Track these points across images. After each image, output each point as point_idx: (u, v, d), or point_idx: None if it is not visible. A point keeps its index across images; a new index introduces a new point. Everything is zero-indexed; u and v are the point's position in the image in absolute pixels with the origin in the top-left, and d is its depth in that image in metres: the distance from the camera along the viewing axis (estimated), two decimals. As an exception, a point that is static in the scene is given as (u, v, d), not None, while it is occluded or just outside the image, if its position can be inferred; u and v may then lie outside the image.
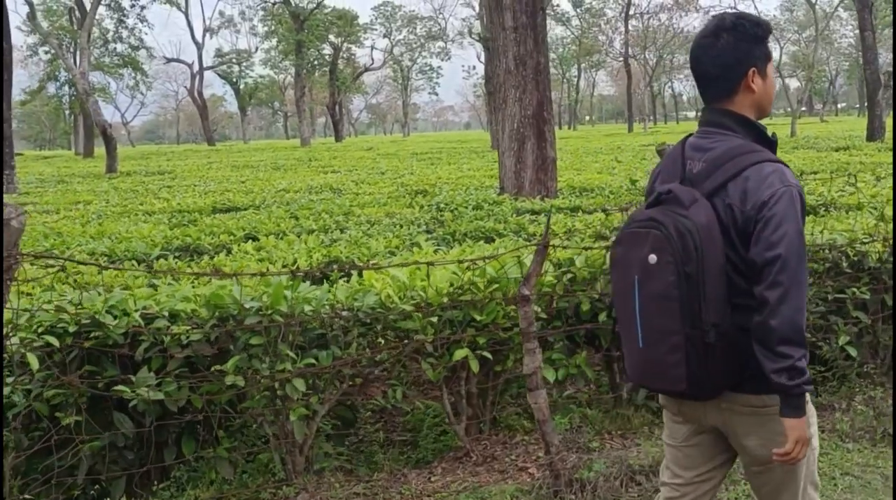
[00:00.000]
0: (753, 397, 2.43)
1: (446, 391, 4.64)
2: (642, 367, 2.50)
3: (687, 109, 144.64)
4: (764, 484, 2.59)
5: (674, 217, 2.34)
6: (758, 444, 2.47)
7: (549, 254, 4.94)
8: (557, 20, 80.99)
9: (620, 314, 2.55)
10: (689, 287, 2.31)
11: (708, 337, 2.32)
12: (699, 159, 2.47)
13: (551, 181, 11.91)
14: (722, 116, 2.49)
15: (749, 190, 2.34)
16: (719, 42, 2.46)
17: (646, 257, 2.37)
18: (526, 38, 11.50)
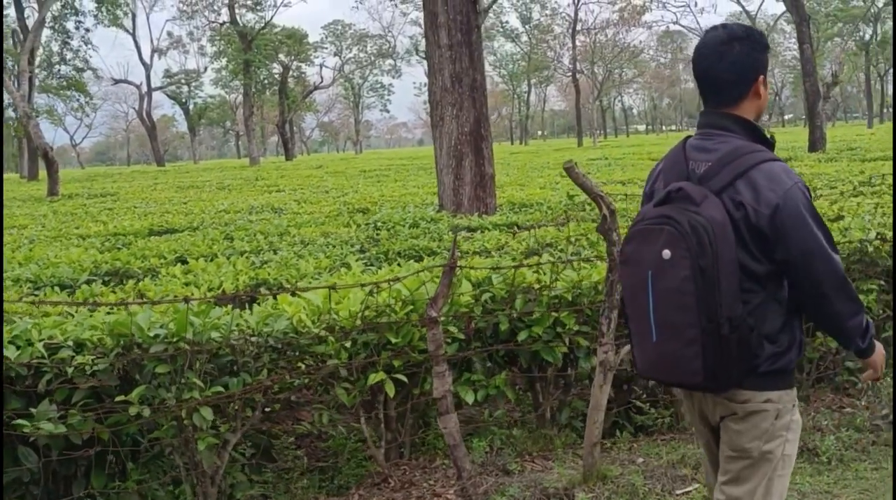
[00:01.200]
0: (745, 393, 2.55)
1: (364, 416, 4.57)
2: (656, 361, 2.57)
3: (637, 122, 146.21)
4: (730, 471, 2.68)
5: (687, 214, 2.43)
6: (748, 439, 2.59)
7: (467, 274, 4.91)
8: (507, 37, 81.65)
9: (631, 310, 2.62)
10: (704, 281, 2.38)
11: (723, 330, 2.39)
12: (704, 159, 2.58)
13: (490, 198, 11.90)
14: (722, 118, 2.61)
15: (760, 188, 2.45)
16: (734, 50, 2.57)
17: (659, 253, 2.44)
18: (461, 56, 11.50)
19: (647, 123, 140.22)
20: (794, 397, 2.66)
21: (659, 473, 4.35)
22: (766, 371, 2.52)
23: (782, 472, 2.66)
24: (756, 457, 2.62)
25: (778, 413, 2.59)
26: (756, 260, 2.49)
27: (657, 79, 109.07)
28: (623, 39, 70.93)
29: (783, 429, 2.62)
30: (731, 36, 2.60)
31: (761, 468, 2.63)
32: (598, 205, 4.13)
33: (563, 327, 4.78)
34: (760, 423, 2.58)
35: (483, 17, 11.87)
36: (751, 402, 2.56)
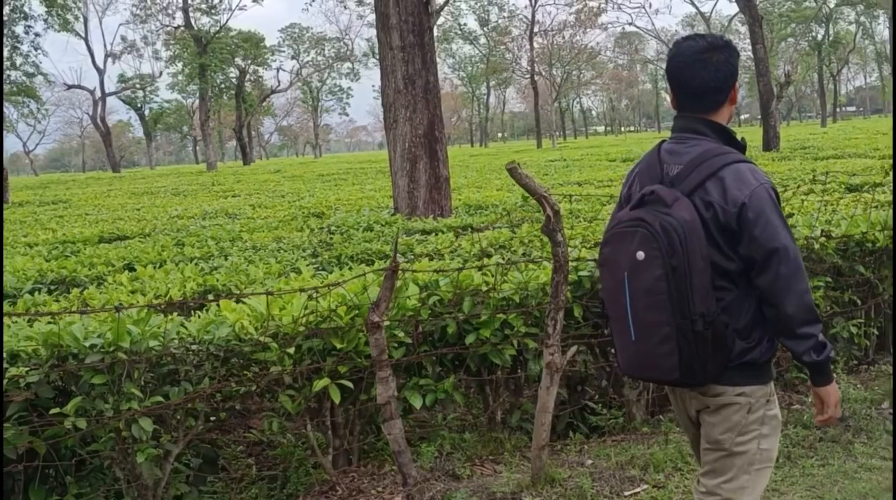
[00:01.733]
0: (717, 388, 2.63)
1: (310, 423, 4.50)
2: (635, 359, 2.65)
3: (596, 123, 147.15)
4: (708, 462, 2.77)
5: (658, 216, 2.52)
6: (720, 431, 2.68)
7: (414, 277, 4.85)
8: (465, 39, 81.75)
9: (611, 311, 2.70)
10: (676, 280, 2.48)
11: (696, 326, 2.48)
12: (676, 163, 2.67)
13: (445, 200, 11.84)
14: (695, 122, 2.71)
15: (728, 188, 2.54)
16: (718, 57, 2.68)
17: (634, 255, 2.54)
18: (414, 58, 11.43)
19: (606, 124, 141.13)
20: (770, 392, 2.71)
21: (608, 474, 4.32)
22: (737, 365, 2.60)
23: (760, 467, 2.72)
24: (729, 449, 2.69)
25: (750, 407, 2.66)
26: (728, 258, 2.58)
27: (615, 80, 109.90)
28: (580, 41, 71.28)
29: (757, 423, 2.68)
30: (712, 45, 2.71)
31: (736, 462, 2.70)
32: (542, 206, 4.09)
33: (511, 329, 4.75)
34: (732, 416, 2.66)
35: (435, 19, 11.81)
36: (723, 396, 2.64)
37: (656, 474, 4.32)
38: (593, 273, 5.04)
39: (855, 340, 5.86)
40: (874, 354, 6.12)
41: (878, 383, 5.36)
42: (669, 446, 4.61)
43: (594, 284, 5.06)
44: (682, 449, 4.54)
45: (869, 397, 5.07)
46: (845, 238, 5.82)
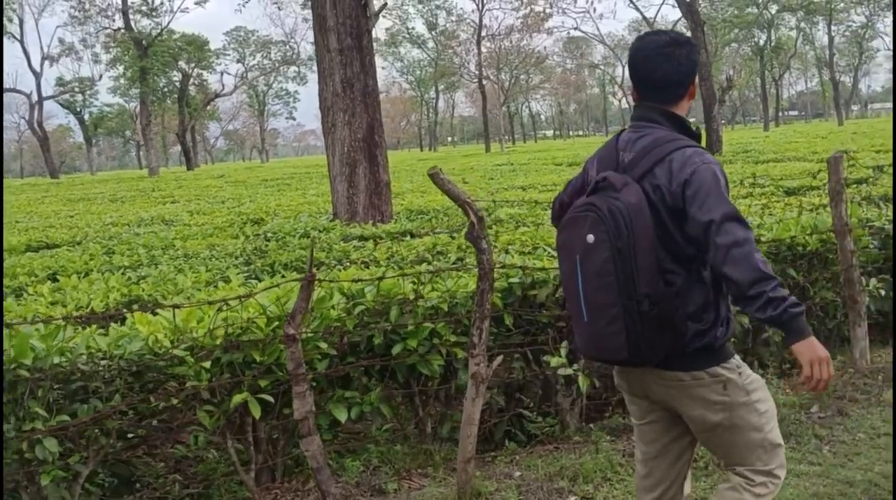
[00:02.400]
0: (683, 374, 2.69)
1: (231, 439, 4.33)
2: (588, 340, 2.73)
3: (545, 127, 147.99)
4: (717, 446, 2.86)
5: (608, 200, 2.59)
6: (698, 413, 2.73)
7: (340, 286, 4.71)
8: (413, 43, 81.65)
9: (567, 293, 2.79)
10: (622, 262, 2.54)
11: (642, 307, 2.54)
12: (630, 150, 2.77)
13: (386, 205, 11.68)
14: (653, 112, 2.81)
15: (674, 170, 2.62)
16: (680, 52, 2.78)
17: (584, 238, 2.61)
18: (352, 61, 11.26)
19: (555, 128, 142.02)
20: (738, 364, 2.77)
21: (535, 487, 4.22)
22: (694, 350, 2.66)
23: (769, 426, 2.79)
24: (727, 425, 2.74)
25: (724, 384, 2.71)
26: (678, 242, 2.65)
27: (563, 85, 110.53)
28: (528, 45, 71.55)
29: (739, 392, 2.73)
30: (675, 40, 2.81)
31: (741, 433, 2.76)
32: (465, 212, 3.98)
33: (439, 339, 4.63)
34: (708, 397, 2.71)
35: (374, 22, 11.57)
36: (688, 382, 2.70)
37: (585, 485, 4.23)
38: (524, 280, 4.94)
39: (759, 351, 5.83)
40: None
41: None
42: (600, 455, 4.52)
43: (525, 290, 4.97)
44: (612, 459, 4.45)
45: (798, 401, 5.04)
46: (776, 242, 5.80)
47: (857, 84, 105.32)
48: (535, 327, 5.04)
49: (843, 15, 78.56)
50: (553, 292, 4.95)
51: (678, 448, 2.94)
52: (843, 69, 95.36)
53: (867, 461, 4.36)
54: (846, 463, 4.38)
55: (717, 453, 2.95)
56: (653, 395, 2.84)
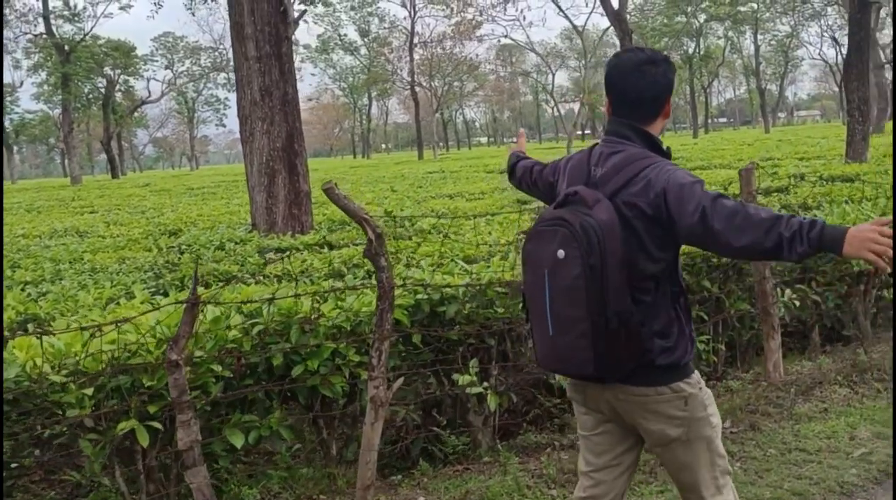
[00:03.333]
0: (645, 388, 2.71)
1: (120, 468, 4.09)
2: (553, 353, 2.72)
3: (480, 134, 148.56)
4: (670, 461, 2.85)
5: (580, 216, 2.58)
6: (657, 429, 2.75)
7: (245, 308, 4.49)
8: (346, 50, 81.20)
9: (532, 306, 2.77)
10: (593, 279, 2.54)
11: (611, 324, 2.55)
12: (602, 165, 2.76)
13: (306, 216, 11.43)
14: (624, 127, 2.80)
15: (650, 183, 2.62)
16: (655, 70, 2.79)
17: (554, 253, 2.60)
18: (271, 69, 11.01)
19: (489, 135, 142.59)
20: (697, 381, 2.79)
21: (438, 513, 4.06)
22: (661, 365, 2.69)
23: (717, 439, 2.83)
24: (684, 440, 2.76)
25: (685, 400, 2.73)
26: (652, 259, 2.67)
27: (497, 92, 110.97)
28: (460, 52, 71.62)
29: (698, 408, 2.76)
30: (651, 58, 2.81)
31: (696, 448, 2.78)
32: (363, 229, 3.81)
33: (342, 359, 4.45)
34: (669, 412, 2.73)
35: (293, 29, 11.34)
36: (651, 396, 2.72)
37: (490, 510, 4.08)
38: (432, 296, 4.79)
39: (703, 356, 5.79)
40: (723, 368, 6.06)
41: (724, 400, 5.27)
42: (508, 477, 4.38)
43: (433, 307, 4.82)
44: (520, 481, 4.32)
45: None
46: (691, 253, 5.74)
47: (784, 92, 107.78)
48: (446, 344, 4.89)
49: (770, 24, 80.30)
50: (462, 309, 4.82)
51: (627, 460, 2.95)
52: (769, 77, 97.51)
53: (777, 478, 4.30)
54: (756, 480, 4.32)
55: (669, 466, 2.91)
56: (609, 408, 2.84)
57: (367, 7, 73.45)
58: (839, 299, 6.68)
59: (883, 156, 18.07)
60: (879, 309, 7.02)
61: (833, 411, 5.12)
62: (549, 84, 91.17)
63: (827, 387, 5.54)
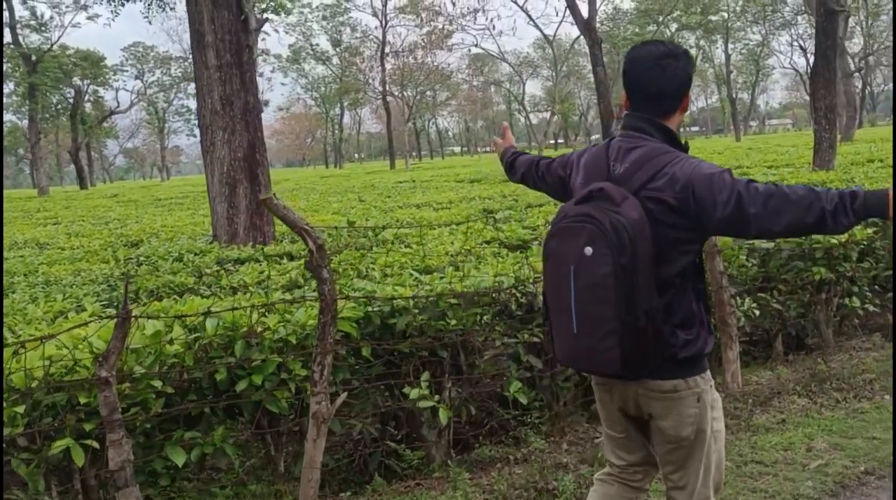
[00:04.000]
0: (664, 383, 2.71)
1: (55, 486, 3.96)
2: (576, 352, 2.69)
3: (453, 144, 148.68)
4: (673, 461, 2.85)
5: (608, 213, 2.56)
6: (670, 425, 2.76)
7: (187, 322, 4.37)
8: (318, 59, 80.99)
9: (553, 303, 2.74)
10: (624, 277, 2.51)
11: (640, 322, 2.54)
12: (622, 160, 2.73)
13: (268, 226, 11.30)
14: (642, 122, 2.78)
15: (675, 176, 2.61)
16: (675, 64, 2.76)
17: (581, 250, 2.57)
18: (232, 78, 10.87)
19: (462, 144, 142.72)
20: (710, 379, 2.81)
21: (383, 533, 3.95)
22: (683, 358, 2.69)
23: (717, 447, 2.87)
24: (692, 440, 2.78)
25: (698, 396, 2.75)
26: (679, 253, 2.67)
27: (470, 101, 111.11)
28: (432, 62, 71.60)
29: (706, 408, 2.78)
30: (671, 52, 2.79)
31: (698, 450, 2.81)
32: (303, 240, 3.71)
33: (288, 373, 4.33)
34: (684, 410, 2.74)
35: (255, 37, 11.26)
36: (670, 392, 2.72)
37: (438, 528, 3.98)
38: (382, 308, 4.69)
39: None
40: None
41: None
42: (458, 493, 4.28)
43: (384, 319, 4.71)
44: (469, 497, 4.22)
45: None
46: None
47: (755, 100, 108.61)
48: (399, 357, 4.79)
49: (741, 33, 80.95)
50: (413, 321, 4.72)
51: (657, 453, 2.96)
52: (741, 86, 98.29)
53: (732, 492, 4.23)
54: (710, 494, 4.23)
55: (669, 466, 2.89)
56: (628, 405, 2.86)
57: (338, 17, 73.33)
58: (801, 308, 6.65)
59: (850, 164, 18.16)
60: (843, 317, 7.00)
61: (791, 421, 5.06)
62: (521, 93, 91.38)
63: (786, 397, 5.48)
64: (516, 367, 5.11)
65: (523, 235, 9.30)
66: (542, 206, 13.52)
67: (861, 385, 5.60)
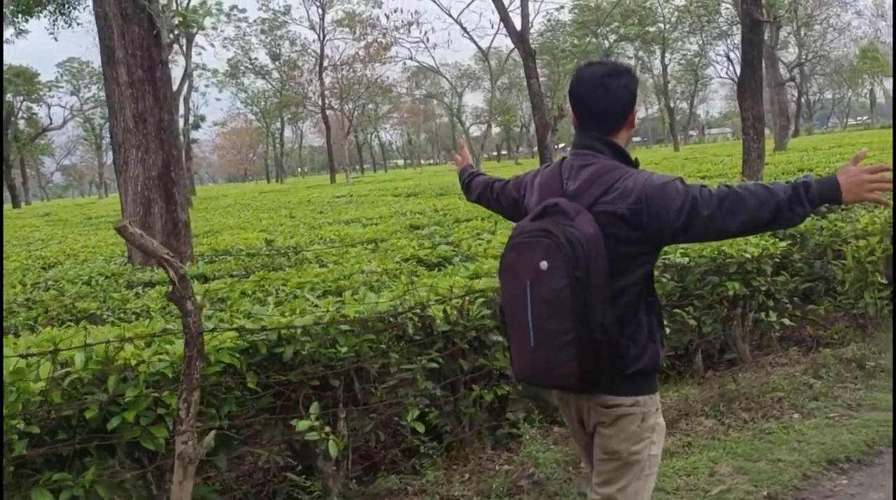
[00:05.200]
0: (615, 398, 2.76)
1: None
2: (534, 366, 2.72)
3: (397, 156, 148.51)
4: (603, 472, 2.89)
5: (563, 227, 2.61)
6: (610, 434, 2.81)
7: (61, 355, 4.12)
8: (257, 73, 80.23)
9: (511, 318, 2.77)
10: (578, 290, 2.56)
11: (595, 334, 2.57)
12: (574, 178, 2.79)
13: (185, 247, 10.99)
14: (591, 140, 2.84)
15: (628, 189, 2.67)
16: (617, 83, 2.81)
17: (537, 264, 2.62)
18: (144, 94, 10.57)
19: (405, 157, 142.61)
20: (657, 402, 2.86)
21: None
22: (632, 374, 2.73)
23: (650, 472, 2.88)
24: (626, 458, 2.82)
25: (643, 417, 2.79)
26: (633, 266, 2.72)
27: (413, 114, 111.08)
28: (372, 75, 71.31)
29: (649, 431, 2.82)
30: (613, 71, 2.86)
31: (631, 469, 2.83)
32: (165, 269, 3.50)
33: (166, 409, 4.10)
34: (628, 426, 2.78)
35: (168, 52, 10.95)
36: (619, 407, 2.76)
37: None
38: (269, 337, 4.48)
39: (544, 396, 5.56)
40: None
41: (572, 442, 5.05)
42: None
43: (271, 348, 4.51)
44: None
45: (562, 458, 4.73)
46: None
47: (695, 110, 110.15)
48: (288, 387, 4.59)
49: (679, 44, 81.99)
50: (301, 349, 4.52)
51: None
52: (681, 96, 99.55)
53: (628, 520, 4.09)
54: (607, 524, 4.09)
55: (600, 476, 2.92)
56: (585, 418, 2.91)
57: (276, 30, 72.71)
58: (717, 323, 6.59)
59: (781, 173, 18.40)
60: (763, 332, 6.95)
61: (697, 444, 4.96)
62: (461, 106, 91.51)
63: (693, 419, 5.38)
64: (414, 394, 4.95)
65: (445, 252, 9.17)
66: (469, 221, 13.41)
67: (770, 404, 5.53)
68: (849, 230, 7.70)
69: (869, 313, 7.37)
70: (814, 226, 7.78)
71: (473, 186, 3.56)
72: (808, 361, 6.33)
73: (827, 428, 5.09)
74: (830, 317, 7.62)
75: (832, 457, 4.68)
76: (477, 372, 5.19)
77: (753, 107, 19.12)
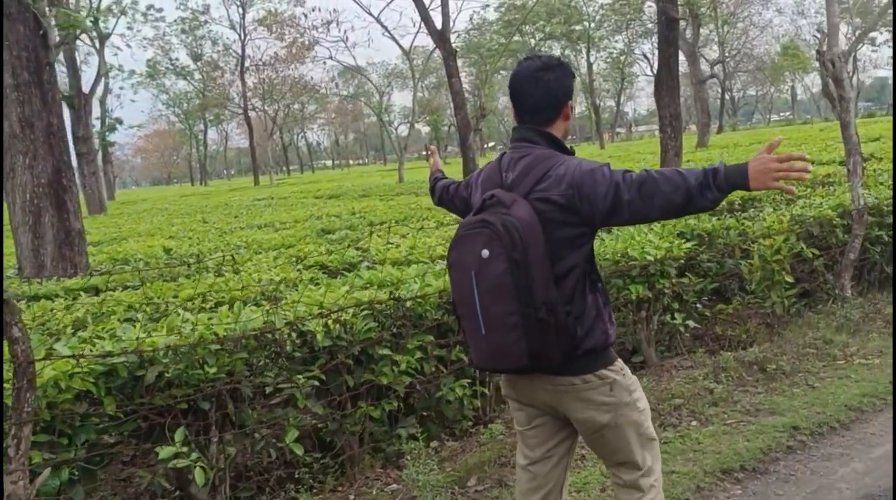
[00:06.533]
0: (574, 378, 2.79)
1: None
2: (487, 351, 2.78)
3: (325, 157, 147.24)
4: (602, 446, 2.94)
5: (499, 216, 2.70)
6: (586, 416, 2.83)
7: None
8: (178, 74, 78.66)
9: (462, 309, 2.82)
10: (519, 272, 2.63)
11: (539, 314, 2.63)
12: (512, 169, 2.88)
13: (80, 256, 10.47)
14: (528, 132, 2.92)
15: (561, 176, 2.75)
16: (549, 76, 2.89)
17: (479, 254, 2.69)
18: (31, 98, 10.02)
19: (332, 158, 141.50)
20: (621, 366, 2.89)
21: None
22: (585, 351, 2.77)
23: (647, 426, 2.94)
24: (614, 423, 2.84)
25: (610, 386, 2.82)
26: (571, 249, 2.77)
27: (340, 114, 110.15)
28: (296, 75, 70.41)
29: (623, 392, 2.85)
30: (545, 65, 2.92)
31: (625, 431, 2.87)
32: (-14, 294, 3.15)
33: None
34: (597, 398, 2.81)
35: (55, 54, 10.42)
36: (579, 385, 2.79)
37: None
38: (129, 360, 4.14)
39: (465, 401, 5.35)
40: (492, 413, 5.65)
41: (473, 454, 4.82)
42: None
43: (133, 372, 4.17)
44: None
45: (450, 478, 4.47)
46: (446, 291, 5.31)
47: (623, 108, 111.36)
48: (153, 411, 4.26)
49: (605, 42, 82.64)
50: (165, 371, 4.19)
51: (561, 451, 3.03)
52: (608, 94, 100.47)
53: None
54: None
55: (601, 452, 3.00)
56: (541, 401, 2.92)
57: (197, 30, 71.31)
58: (622, 327, 6.44)
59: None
60: (672, 334, 6.83)
61: (591, 457, 4.75)
62: (387, 105, 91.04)
63: (589, 429, 5.18)
64: (295, 413, 4.66)
65: (352, 257, 8.90)
66: (383, 224, 13.14)
67: (668, 412, 5.37)
68: (756, 229, 7.65)
69: (776, 312, 7.31)
70: (721, 226, 7.70)
71: (436, 190, 3.62)
72: (712, 363, 6.20)
73: (724, 436, 4.93)
74: (743, 315, 7.56)
75: (727, 466, 4.53)
76: (364, 387, 4.93)
77: (670, 104, 19.22)
